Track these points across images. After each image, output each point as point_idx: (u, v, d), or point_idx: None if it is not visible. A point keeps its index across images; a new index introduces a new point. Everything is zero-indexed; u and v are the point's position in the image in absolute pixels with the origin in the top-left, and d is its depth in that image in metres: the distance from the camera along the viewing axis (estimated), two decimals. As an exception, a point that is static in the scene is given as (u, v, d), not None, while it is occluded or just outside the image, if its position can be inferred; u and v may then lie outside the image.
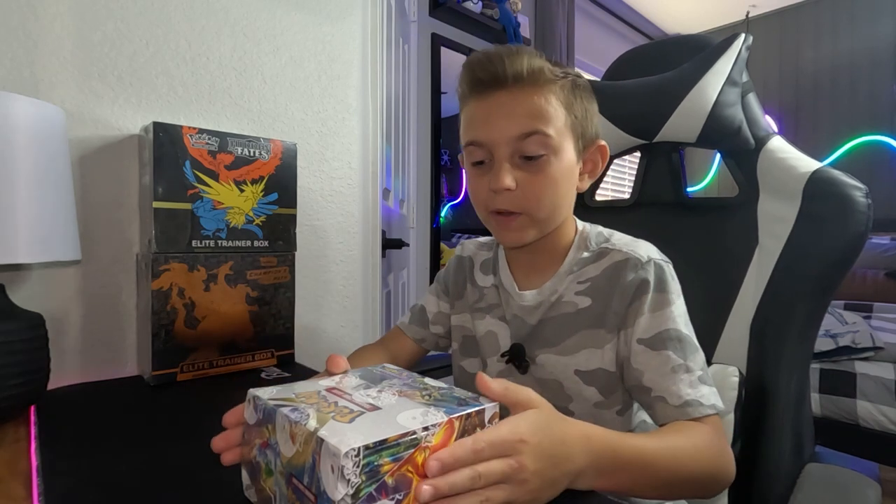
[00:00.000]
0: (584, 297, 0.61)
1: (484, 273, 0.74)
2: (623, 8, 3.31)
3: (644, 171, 0.95)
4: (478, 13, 2.14)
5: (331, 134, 1.10)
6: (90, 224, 0.79)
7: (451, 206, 2.32)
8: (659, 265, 0.58)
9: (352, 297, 1.15)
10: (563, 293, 0.63)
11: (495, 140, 0.58)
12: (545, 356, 0.63)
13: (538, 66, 0.57)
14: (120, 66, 0.81)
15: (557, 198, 0.60)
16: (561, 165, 0.58)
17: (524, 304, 0.66)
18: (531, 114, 0.57)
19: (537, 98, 0.57)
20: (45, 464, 0.48)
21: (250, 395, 0.40)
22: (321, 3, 1.07)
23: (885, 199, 2.76)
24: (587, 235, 0.65)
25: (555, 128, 0.57)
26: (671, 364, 0.54)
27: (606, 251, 0.62)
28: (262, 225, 0.85)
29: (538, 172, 0.58)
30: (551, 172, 0.58)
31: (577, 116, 0.60)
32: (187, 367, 0.77)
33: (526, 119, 0.57)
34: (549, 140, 0.57)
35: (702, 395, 0.52)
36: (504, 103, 0.57)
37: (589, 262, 0.63)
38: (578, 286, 0.62)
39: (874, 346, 1.90)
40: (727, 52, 0.80)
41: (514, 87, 0.57)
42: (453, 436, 0.35)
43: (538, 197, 0.58)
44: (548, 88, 0.57)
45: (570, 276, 0.63)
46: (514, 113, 0.57)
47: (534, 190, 0.58)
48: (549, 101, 0.57)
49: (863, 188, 0.70)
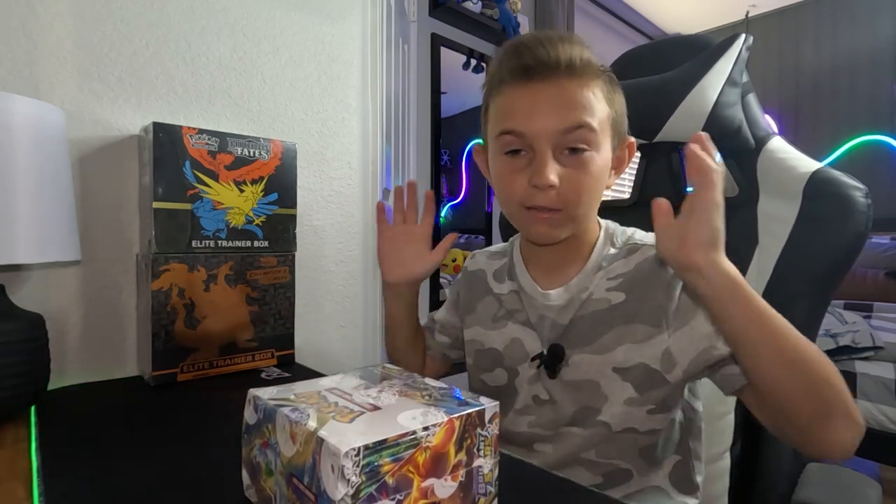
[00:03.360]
0: (617, 293, 0.60)
1: (499, 281, 0.71)
2: (623, 8, 3.31)
3: (644, 171, 0.95)
4: (477, 13, 2.14)
5: (331, 134, 1.10)
6: (90, 224, 0.79)
7: (451, 206, 2.33)
8: None
9: (352, 297, 1.15)
10: (594, 290, 0.61)
11: (539, 132, 0.55)
12: (580, 356, 0.60)
13: (587, 57, 0.55)
14: (120, 67, 0.81)
15: (596, 194, 0.59)
16: (601, 161, 0.57)
17: (550, 303, 0.63)
18: (580, 106, 0.55)
19: (586, 90, 0.55)
20: (45, 464, 0.48)
21: (250, 395, 0.40)
22: (321, 4, 1.07)
23: (885, 199, 2.76)
24: (612, 232, 0.65)
25: (599, 122, 0.56)
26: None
27: (636, 247, 0.61)
28: (262, 225, 0.85)
29: (580, 168, 0.56)
30: (593, 168, 0.56)
31: (616, 111, 0.59)
32: (187, 367, 0.77)
33: (574, 112, 0.55)
34: (593, 135, 0.55)
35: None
36: (552, 93, 0.55)
37: (618, 258, 0.62)
38: (609, 282, 0.61)
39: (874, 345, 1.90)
40: (727, 53, 0.80)
41: (564, 76, 0.55)
42: (453, 436, 0.35)
43: (579, 193, 0.56)
44: (594, 81, 0.56)
45: (600, 272, 0.62)
46: (563, 104, 0.55)
47: (576, 186, 0.56)
48: (596, 95, 0.56)
49: (863, 188, 0.70)
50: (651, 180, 0.94)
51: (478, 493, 0.37)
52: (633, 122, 0.88)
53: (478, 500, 0.38)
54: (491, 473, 0.38)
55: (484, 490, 0.38)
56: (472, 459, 0.37)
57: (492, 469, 0.38)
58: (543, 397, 0.63)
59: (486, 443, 0.38)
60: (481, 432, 0.37)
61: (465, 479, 0.36)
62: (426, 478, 0.34)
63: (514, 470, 0.49)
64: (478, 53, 2.26)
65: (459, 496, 0.36)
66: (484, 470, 0.38)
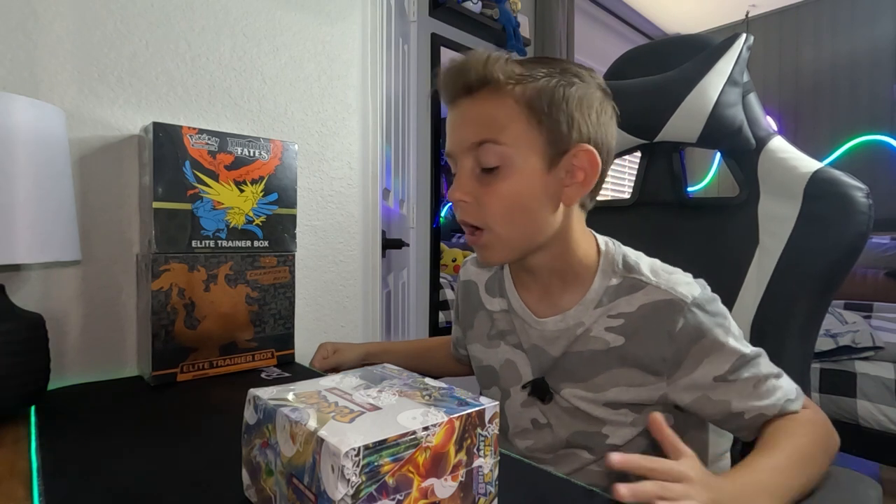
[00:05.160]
0: (616, 336, 0.57)
1: (491, 295, 0.71)
2: (623, 8, 3.31)
3: (644, 171, 0.95)
4: (477, 13, 2.14)
5: (331, 134, 1.10)
6: (90, 224, 0.79)
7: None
8: (703, 299, 0.55)
9: (352, 297, 1.15)
10: (592, 327, 0.59)
11: (452, 149, 0.58)
12: (571, 390, 0.60)
13: (490, 72, 0.53)
14: (120, 67, 0.81)
15: (523, 214, 0.55)
16: (521, 178, 0.54)
17: (544, 332, 0.62)
18: (481, 122, 0.54)
19: (490, 104, 0.54)
20: (45, 464, 0.48)
21: (250, 395, 0.40)
22: (321, 4, 1.07)
23: (885, 199, 2.75)
24: (612, 258, 0.60)
25: (510, 136, 0.53)
26: (753, 382, 0.54)
27: (640, 284, 0.57)
28: (262, 225, 0.85)
29: (491, 185, 0.55)
30: (507, 186, 0.54)
31: (543, 122, 0.53)
32: (187, 367, 0.77)
33: (477, 127, 0.54)
34: (502, 149, 0.53)
35: (788, 389, 0.55)
36: (462, 111, 0.56)
37: (620, 293, 0.58)
38: (609, 321, 0.58)
39: (874, 345, 1.90)
40: (728, 53, 0.80)
41: (473, 94, 0.55)
42: (453, 436, 0.35)
43: (493, 211, 0.55)
44: (504, 93, 0.54)
45: (599, 308, 0.58)
46: (469, 121, 0.55)
47: (489, 203, 0.55)
48: (504, 107, 0.54)
49: (863, 188, 0.70)
50: (651, 180, 0.94)
51: (478, 493, 0.37)
52: (633, 121, 0.89)
53: (478, 500, 0.37)
54: (491, 473, 0.38)
55: (484, 490, 0.38)
56: (472, 459, 0.37)
57: (492, 469, 0.38)
58: (542, 421, 0.63)
59: (486, 443, 0.38)
60: (481, 432, 0.37)
61: (465, 479, 0.36)
62: (426, 478, 0.34)
63: (514, 470, 0.49)
64: (478, 53, 2.26)
65: (459, 496, 0.36)
66: (484, 470, 0.38)
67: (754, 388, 0.54)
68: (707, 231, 0.85)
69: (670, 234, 0.89)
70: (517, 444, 0.66)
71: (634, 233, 0.65)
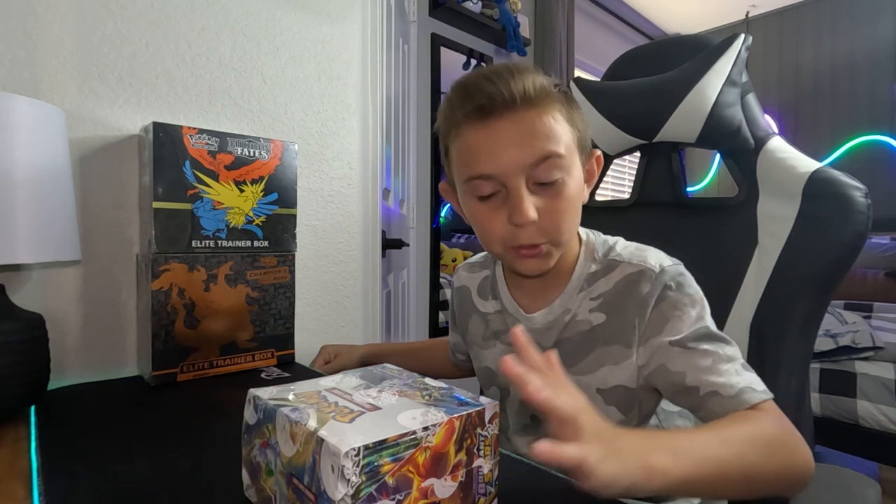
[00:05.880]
0: (598, 314, 0.59)
1: (484, 298, 0.71)
2: (623, 8, 3.31)
3: (644, 171, 0.95)
4: (477, 13, 2.14)
5: (331, 134, 1.10)
6: (90, 224, 0.79)
7: (450, 206, 2.32)
8: (673, 271, 0.56)
9: (352, 297, 1.15)
10: (577, 311, 0.60)
11: (508, 169, 0.53)
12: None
13: (541, 83, 0.53)
14: (120, 67, 0.81)
15: (576, 217, 0.57)
16: (575, 184, 0.56)
17: (534, 326, 0.63)
18: (543, 136, 0.53)
19: (546, 118, 0.53)
20: (44, 464, 0.48)
21: (250, 395, 0.40)
22: (321, 3, 1.07)
23: (885, 199, 2.75)
24: (592, 245, 0.62)
25: (565, 146, 0.54)
26: (712, 357, 0.51)
27: (615, 263, 0.59)
28: (262, 225, 0.85)
29: (556, 197, 0.54)
30: (568, 194, 0.55)
31: (579, 130, 0.57)
32: (187, 367, 0.77)
33: (539, 142, 0.52)
34: (563, 161, 0.54)
35: (752, 380, 0.50)
36: (512, 128, 0.53)
37: (599, 276, 0.60)
38: (591, 303, 0.60)
39: (874, 345, 1.90)
40: (727, 53, 0.80)
41: (521, 109, 0.52)
42: (453, 436, 0.35)
43: (559, 222, 0.55)
44: (553, 106, 0.54)
45: (582, 293, 0.60)
46: (526, 138, 0.52)
47: (556, 216, 0.55)
48: (557, 119, 0.54)
49: (862, 188, 0.70)
50: (651, 180, 0.94)
51: (478, 493, 0.37)
52: (633, 121, 0.89)
53: (478, 500, 0.38)
54: (491, 473, 0.38)
55: (484, 490, 0.38)
56: (472, 459, 0.37)
57: (492, 469, 0.38)
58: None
59: (486, 443, 0.38)
60: (481, 432, 0.37)
61: (464, 479, 0.36)
62: (426, 478, 0.34)
63: (514, 470, 0.49)
64: (478, 53, 2.26)
65: (459, 496, 0.36)
66: (484, 470, 0.38)
67: (714, 363, 0.51)
68: (706, 231, 0.85)
69: (670, 234, 0.89)
70: (518, 442, 0.66)
71: (634, 233, 0.65)
